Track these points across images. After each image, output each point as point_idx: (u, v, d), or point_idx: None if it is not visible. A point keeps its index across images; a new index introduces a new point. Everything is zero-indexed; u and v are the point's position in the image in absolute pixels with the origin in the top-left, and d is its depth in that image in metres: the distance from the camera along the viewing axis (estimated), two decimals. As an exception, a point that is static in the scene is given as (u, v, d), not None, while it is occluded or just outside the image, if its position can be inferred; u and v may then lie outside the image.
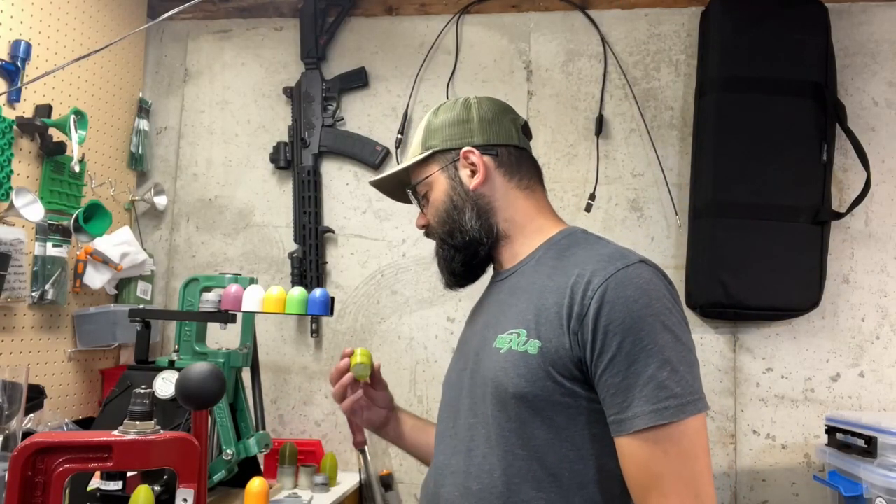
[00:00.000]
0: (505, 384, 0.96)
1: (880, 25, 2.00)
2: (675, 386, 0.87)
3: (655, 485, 0.87)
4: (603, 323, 0.90)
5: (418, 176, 1.15)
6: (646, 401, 0.87)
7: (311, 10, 2.19)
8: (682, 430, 0.87)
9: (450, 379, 1.14)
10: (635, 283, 0.92)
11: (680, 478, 0.87)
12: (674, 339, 0.90)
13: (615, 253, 0.98)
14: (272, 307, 1.42)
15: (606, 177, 2.06)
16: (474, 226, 1.09)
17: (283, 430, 2.12)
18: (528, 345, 0.96)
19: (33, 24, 1.79)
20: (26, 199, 1.68)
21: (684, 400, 0.87)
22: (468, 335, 1.15)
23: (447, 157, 1.12)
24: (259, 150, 2.24)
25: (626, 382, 0.88)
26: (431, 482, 1.08)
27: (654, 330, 0.89)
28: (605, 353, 0.90)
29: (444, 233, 1.12)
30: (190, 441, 0.82)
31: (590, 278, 0.93)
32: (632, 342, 0.89)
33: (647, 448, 0.87)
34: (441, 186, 1.12)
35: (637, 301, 0.90)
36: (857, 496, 1.50)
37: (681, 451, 0.87)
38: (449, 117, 1.13)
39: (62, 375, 1.91)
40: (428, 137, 1.14)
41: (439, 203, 1.12)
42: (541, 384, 0.93)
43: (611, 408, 0.90)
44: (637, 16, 2.10)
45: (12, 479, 0.75)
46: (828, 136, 1.88)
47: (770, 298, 1.86)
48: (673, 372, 0.88)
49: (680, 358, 0.89)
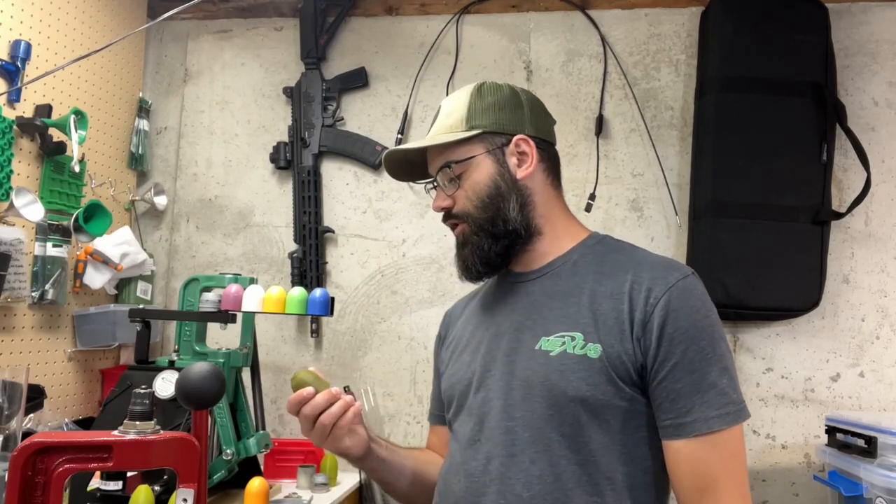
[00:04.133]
0: (562, 387, 0.95)
1: (880, 25, 2.00)
2: (732, 393, 0.93)
3: (710, 486, 0.91)
4: (669, 331, 0.93)
5: (457, 154, 1.06)
6: (708, 406, 0.92)
7: (311, 9, 2.19)
8: (735, 435, 0.93)
9: (459, 381, 1.08)
10: (695, 294, 0.97)
11: (732, 480, 0.92)
12: (728, 348, 0.97)
13: (666, 263, 1.02)
14: (272, 307, 1.42)
15: (606, 177, 2.06)
16: (517, 216, 1.04)
17: (283, 430, 2.12)
18: (587, 349, 0.96)
19: (33, 24, 1.79)
20: (26, 199, 1.68)
21: (740, 406, 0.93)
22: (481, 336, 1.09)
23: (495, 140, 1.06)
24: (259, 150, 2.24)
25: (687, 388, 0.92)
26: (461, 489, 1.01)
27: (713, 340, 0.94)
28: (668, 360, 0.93)
29: (483, 219, 1.05)
30: (190, 441, 0.82)
31: (650, 286, 0.96)
32: (695, 350, 0.93)
33: (706, 451, 0.91)
34: (486, 170, 1.05)
35: (699, 311, 0.95)
36: (857, 496, 1.50)
37: (733, 454, 0.93)
38: (499, 100, 1.08)
39: (62, 375, 1.91)
40: (473, 116, 1.06)
41: (481, 187, 1.05)
42: (602, 388, 0.94)
43: (668, 412, 0.94)
44: (637, 16, 2.10)
45: (12, 479, 0.74)
46: (828, 136, 1.88)
47: (770, 298, 1.85)
48: (731, 380, 0.94)
49: (732, 367, 0.96)
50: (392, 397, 2.08)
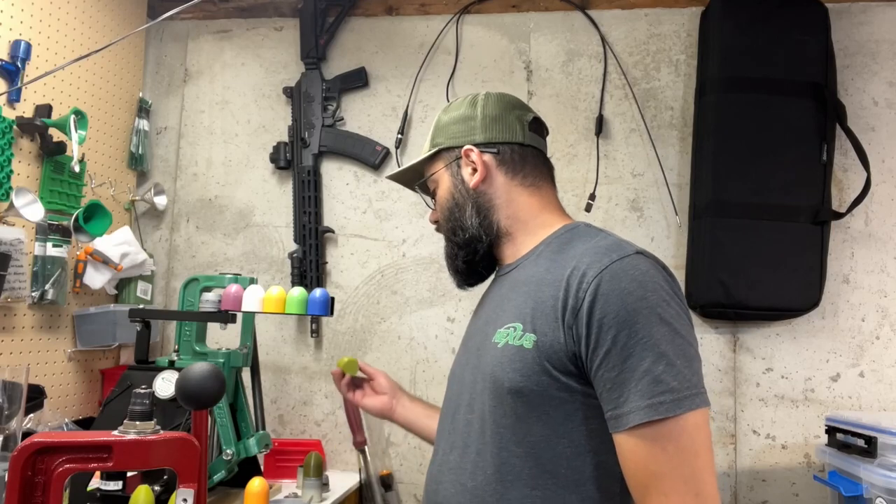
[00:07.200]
0: (501, 379, 0.96)
1: (880, 25, 2.00)
2: (671, 380, 0.84)
3: (654, 483, 0.85)
4: (597, 316, 0.88)
5: (427, 172, 1.18)
6: (641, 396, 0.84)
7: (311, 9, 2.19)
8: (680, 426, 0.84)
9: (453, 374, 1.14)
10: (630, 274, 0.89)
11: (679, 476, 0.84)
12: (671, 331, 0.87)
13: (612, 245, 0.95)
14: (272, 307, 1.42)
15: (606, 177, 2.06)
16: (474, 223, 1.10)
17: (283, 430, 2.12)
18: (523, 339, 0.95)
19: (33, 24, 1.79)
20: (26, 199, 1.68)
21: (681, 395, 0.84)
22: (472, 331, 1.15)
23: (451, 154, 1.13)
24: (259, 150, 2.24)
25: (621, 377, 0.86)
26: (430, 478, 1.08)
27: (649, 322, 0.86)
28: (599, 348, 0.88)
29: (447, 230, 1.14)
30: (190, 441, 0.82)
31: (585, 270, 0.92)
32: (626, 335, 0.86)
33: (645, 445, 0.85)
34: (445, 184, 1.14)
35: (632, 293, 0.88)
36: (857, 496, 1.50)
37: (679, 448, 0.84)
38: (455, 115, 1.15)
39: (62, 375, 1.91)
40: (436, 135, 1.16)
41: (444, 201, 1.14)
42: (536, 378, 0.92)
43: (607, 403, 0.88)
44: (637, 16, 2.10)
45: (12, 479, 0.74)
46: (828, 136, 1.88)
47: (770, 298, 1.86)
48: (669, 366, 0.85)
49: (677, 351, 0.86)
50: (392, 397, 2.08)
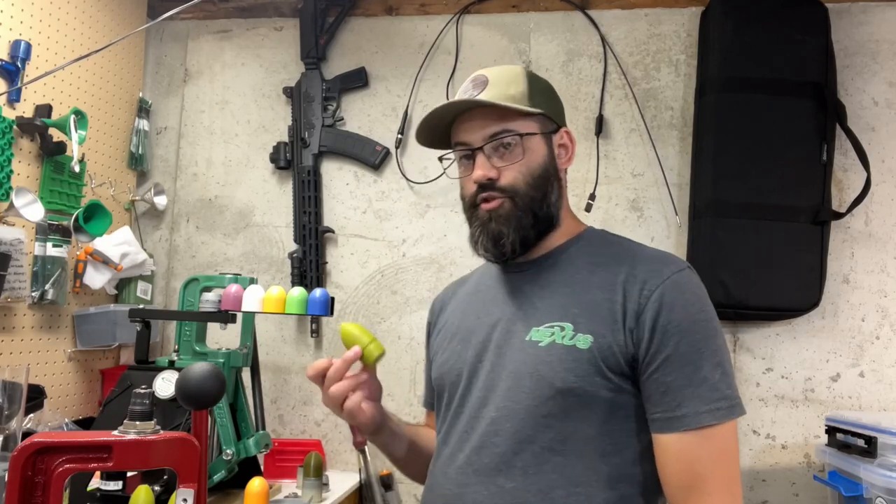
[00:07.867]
0: (549, 378, 0.95)
1: (880, 25, 2.00)
2: (725, 388, 0.92)
3: (698, 483, 0.90)
4: (661, 323, 0.93)
5: (518, 126, 1.02)
6: (700, 401, 0.90)
7: (311, 10, 2.19)
8: (727, 431, 0.91)
9: (450, 371, 1.08)
10: (690, 287, 0.97)
11: (721, 477, 0.90)
12: (723, 343, 0.96)
13: (662, 256, 1.02)
14: (272, 307, 1.42)
15: (606, 177, 2.06)
16: (553, 202, 1.05)
17: (283, 430, 2.12)
18: (576, 339, 0.95)
19: (33, 24, 1.79)
20: (26, 199, 1.68)
21: (733, 402, 0.92)
22: (472, 326, 1.08)
23: (548, 125, 1.07)
24: (259, 150, 2.24)
25: (679, 382, 0.91)
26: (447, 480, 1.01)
27: (708, 334, 0.94)
28: (660, 353, 0.92)
29: (532, 198, 1.03)
30: (190, 441, 0.82)
31: (645, 278, 0.96)
32: (688, 343, 0.92)
33: (695, 446, 0.90)
34: (541, 151, 1.05)
35: (693, 304, 0.95)
36: (857, 496, 1.50)
37: (724, 452, 0.91)
38: (548, 88, 1.10)
39: (62, 375, 1.91)
40: (534, 95, 1.05)
41: (536, 166, 1.03)
42: (590, 379, 0.94)
43: (659, 405, 0.92)
44: (637, 16, 2.10)
45: (12, 479, 0.74)
46: (828, 136, 1.88)
47: (770, 298, 1.85)
48: (724, 375, 0.92)
49: (728, 362, 0.94)
50: (392, 397, 2.08)
